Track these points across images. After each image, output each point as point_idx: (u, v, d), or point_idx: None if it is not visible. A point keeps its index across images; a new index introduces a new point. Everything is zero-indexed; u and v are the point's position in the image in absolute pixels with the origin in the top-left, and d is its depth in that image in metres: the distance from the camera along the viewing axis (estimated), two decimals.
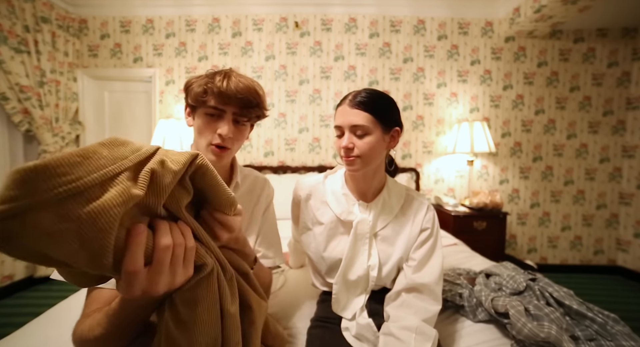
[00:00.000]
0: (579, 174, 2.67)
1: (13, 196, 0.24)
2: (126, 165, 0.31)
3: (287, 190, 2.29)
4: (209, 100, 0.66)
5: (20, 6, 2.10)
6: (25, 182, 0.24)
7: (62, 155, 0.26)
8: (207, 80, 0.67)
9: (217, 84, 0.65)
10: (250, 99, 0.68)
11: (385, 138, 0.80)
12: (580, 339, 0.79)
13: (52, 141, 2.29)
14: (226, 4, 2.60)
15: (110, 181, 0.29)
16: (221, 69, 0.70)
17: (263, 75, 2.67)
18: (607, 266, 2.66)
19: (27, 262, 0.37)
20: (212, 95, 0.66)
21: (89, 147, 0.29)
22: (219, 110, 0.68)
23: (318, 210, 0.88)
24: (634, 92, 2.58)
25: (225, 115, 0.68)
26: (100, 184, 0.28)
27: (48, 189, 0.25)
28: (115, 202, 0.28)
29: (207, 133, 0.68)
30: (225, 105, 0.67)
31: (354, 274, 0.81)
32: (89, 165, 0.28)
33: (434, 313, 0.75)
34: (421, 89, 2.68)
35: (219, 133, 0.67)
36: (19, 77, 2.07)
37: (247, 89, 0.68)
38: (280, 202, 1.07)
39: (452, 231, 2.16)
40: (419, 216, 0.84)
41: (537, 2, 2.14)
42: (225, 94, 0.65)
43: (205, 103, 0.67)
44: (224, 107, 0.67)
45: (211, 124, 0.68)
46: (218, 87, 0.65)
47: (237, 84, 0.66)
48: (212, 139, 0.68)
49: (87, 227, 0.26)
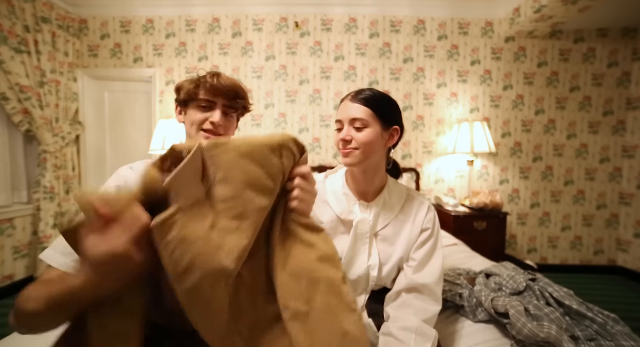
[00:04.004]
0: (579, 174, 2.67)
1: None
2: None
3: None
4: (200, 93, 0.75)
5: (20, 6, 2.10)
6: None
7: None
8: (198, 78, 0.77)
9: (207, 80, 0.75)
10: (237, 91, 0.78)
11: (384, 135, 0.80)
12: (580, 339, 0.79)
13: (52, 141, 2.29)
14: (226, 4, 2.60)
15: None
16: (208, 72, 0.79)
17: (263, 75, 2.68)
18: (607, 266, 2.66)
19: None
20: (204, 89, 0.75)
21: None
22: (210, 102, 0.76)
23: (318, 209, 0.88)
24: (634, 92, 2.58)
25: (216, 106, 0.76)
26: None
27: None
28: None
29: (198, 122, 0.76)
30: (215, 97, 0.76)
31: (353, 274, 0.81)
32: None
33: (434, 313, 0.75)
34: (421, 89, 2.68)
35: (211, 121, 0.75)
36: (19, 77, 2.07)
37: (234, 84, 0.77)
38: None
39: (452, 231, 2.16)
40: (419, 216, 0.84)
41: (537, 2, 2.14)
42: (216, 87, 0.74)
43: (197, 96, 0.75)
44: (215, 99, 0.76)
45: (203, 114, 0.76)
46: (209, 82, 0.74)
47: (225, 80, 0.76)
48: (202, 126, 0.76)
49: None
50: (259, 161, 0.49)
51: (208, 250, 0.41)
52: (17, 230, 2.18)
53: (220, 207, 0.45)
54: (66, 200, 2.47)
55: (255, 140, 0.50)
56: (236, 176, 0.47)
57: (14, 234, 2.17)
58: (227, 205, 0.45)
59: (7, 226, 2.12)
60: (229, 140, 0.49)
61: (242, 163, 0.47)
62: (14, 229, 2.17)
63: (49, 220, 2.28)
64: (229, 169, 0.47)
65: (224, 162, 0.47)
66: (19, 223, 2.20)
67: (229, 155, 0.47)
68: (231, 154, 0.47)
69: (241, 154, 0.48)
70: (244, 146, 0.48)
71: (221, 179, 0.46)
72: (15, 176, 2.28)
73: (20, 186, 2.32)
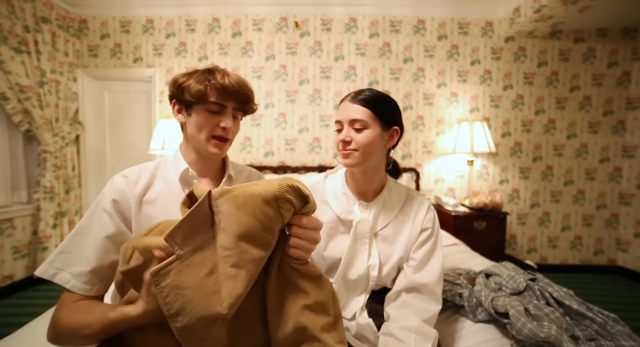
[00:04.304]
0: (579, 174, 2.67)
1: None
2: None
3: None
4: (210, 96, 0.68)
5: (20, 6, 2.10)
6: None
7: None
8: (205, 77, 0.69)
9: (219, 80, 0.68)
10: (248, 94, 0.73)
11: (384, 136, 0.80)
12: (580, 339, 0.79)
13: (52, 141, 2.29)
14: (226, 4, 2.60)
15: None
16: (209, 67, 0.72)
17: (263, 75, 2.68)
18: (607, 266, 2.66)
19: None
20: (214, 91, 0.68)
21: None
22: (220, 106, 0.70)
23: (318, 209, 0.88)
24: (634, 92, 2.58)
25: (226, 110, 0.71)
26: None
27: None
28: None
29: (208, 127, 0.70)
30: (227, 100, 0.70)
31: (354, 274, 0.81)
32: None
33: (434, 313, 0.75)
34: (421, 89, 2.68)
35: (222, 126, 0.70)
36: (19, 77, 2.07)
37: (244, 84, 0.72)
38: None
39: (452, 231, 2.16)
40: (419, 216, 0.84)
41: (537, 2, 2.14)
42: (227, 90, 0.69)
43: (207, 99, 0.68)
44: (226, 103, 0.70)
45: (213, 119, 0.70)
46: (220, 84, 0.68)
47: (236, 80, 0.70)
48: (213, 132, 0.71)
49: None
50: (254, 213, 0.48)
51: (200, 296, 0.44)
52: (17, 230, 2.18)
53: (222, 253, 0.48)
54: (66, 200, 2.48)
55: (252, 191, 0.50)
56: (232, 227, 0.48)
57: (14, 234, 2.17)
58: (226, 253, 0.47)
59: (7, 226, 2.12)
60: (231, 189, 0.50)
61: (237, 214, 0.48)
62: (14, 229, 2.17)
63: (49, 220, 2.28)
64: (227, 218, 0.48)
65: (224, 211, 0.49)
66: (19, 223, 2.20)
67: (228, 205, 0.49)
68: (230, 204, 0.49)
69: (238, 205, 0.49)
70: (241, 197, 0.49)
71: (222, 228, 0.49)
72: (15, 176, 2.28)
73: (20, 186, 2.32)
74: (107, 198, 0.66)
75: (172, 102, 0.74)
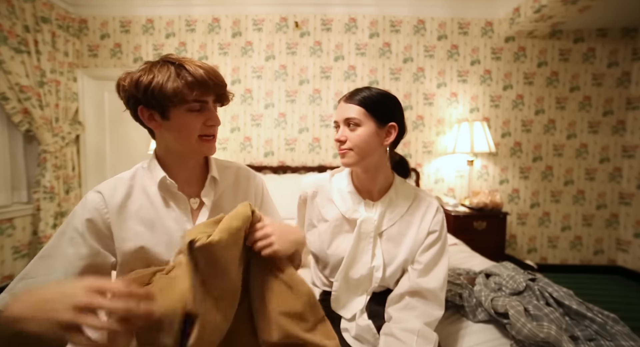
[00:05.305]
0: (579, 174, 2.67)
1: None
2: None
3: (287, 190, 2.28)
4: (189, 94, 0.61)
5: (20, 6, 2.10)
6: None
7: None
8: (176, 72, 0.61)
9: (193, 74, 0.61)
10: (224, 83, 0.67)
11: (380, 133, 0.79)
12: (580, 339, 0.79)
13: (52, 141, 2.29)
14: (226, 4, 2.60)
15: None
16: (166, 59, 0.65)
17: (263, 75, 2.68)
18: (607, 266, 2.66)
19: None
20: (193, 88, 0.61)
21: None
22: (202, 102, 0.64)
23: (324, 207, 0.88)
24: (634, 92, 2.58)
25: (208, 106, 0.66)
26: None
27: None
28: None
29: (195, 129, 0.65)
30: (207, 95, 0.65)
31: (356, 273, 0.81)
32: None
33: (437, 318, 0.75)
34: (421, 89, 2.68)
35: (211, 124, 0.67)
36: (19, 77, 2.07)
37: (217, 73, 0.65)
38: (280, 202, 1.07)
39: (452, 231, 2.16)
40: (427, 218, 0.83)
41: (537, 2, 2.14)
42: (206, 84, 0.62)
43: (186, 98, 0.61)
44: (207, 98, 0.65)
45: (198, 118, 0.65)
46: (196, 78, 0.61)
47: (209, 69, 0.63)
48: (199, 132, 0.66)
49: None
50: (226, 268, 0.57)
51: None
52: (17, 230, 2.19)
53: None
54: (66, 200, 2.48)
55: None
56: (204, 270, 0.55)
57: (14, 234, 2.17)
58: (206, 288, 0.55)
59: (7, 226, 2.12)
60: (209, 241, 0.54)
61: (207, 258, 0.54)
62: (14, 229, 2.17)
63: (49, 220, 2.28)
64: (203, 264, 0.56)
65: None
66: (19, 223, 2.20)
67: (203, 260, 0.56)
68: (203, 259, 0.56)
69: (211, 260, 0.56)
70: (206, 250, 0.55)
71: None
72: (15, 176, 2.28)
73: (20, 185, 2.32)
74: (79, 218, 0.62)
75: (138, 108, 0.65)
